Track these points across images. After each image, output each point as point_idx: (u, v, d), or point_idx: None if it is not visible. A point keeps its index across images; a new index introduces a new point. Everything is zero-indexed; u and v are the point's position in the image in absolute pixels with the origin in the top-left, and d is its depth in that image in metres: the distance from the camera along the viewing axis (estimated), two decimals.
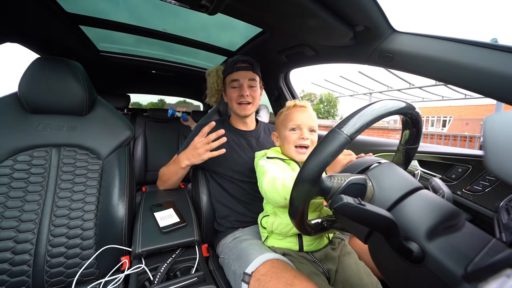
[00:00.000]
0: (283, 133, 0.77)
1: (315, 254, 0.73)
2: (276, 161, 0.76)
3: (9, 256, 0.71)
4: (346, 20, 0.72)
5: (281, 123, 0.79)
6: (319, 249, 0.75)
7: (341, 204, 0.34)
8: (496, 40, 0.62)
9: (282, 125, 0.78)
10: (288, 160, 0.76)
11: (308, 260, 0.72)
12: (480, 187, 0.69)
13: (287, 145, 0.75)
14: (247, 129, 1.03)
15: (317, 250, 0.74)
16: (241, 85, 0.93)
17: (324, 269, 0.71)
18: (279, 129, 0.80)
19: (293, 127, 0.75)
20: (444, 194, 0.45)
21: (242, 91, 0.92)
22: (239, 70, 0.94)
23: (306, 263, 0.71)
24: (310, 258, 0.72)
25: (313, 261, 0.72)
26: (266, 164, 0.74)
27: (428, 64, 0.66)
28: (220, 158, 0.88)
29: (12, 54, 4.23)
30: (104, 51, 1.46)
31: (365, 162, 0.51)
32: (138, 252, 0.72)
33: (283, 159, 0.77)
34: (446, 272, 0.34)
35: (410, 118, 0.48)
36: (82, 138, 0.87)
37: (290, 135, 0.75)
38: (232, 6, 0.67)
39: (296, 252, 0.73)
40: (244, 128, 1.03)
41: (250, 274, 0.65)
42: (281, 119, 0.79)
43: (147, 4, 0.97)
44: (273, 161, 0.75)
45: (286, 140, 0.75)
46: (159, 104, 9.65)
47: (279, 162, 0.76)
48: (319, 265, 0.71)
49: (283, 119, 0.78)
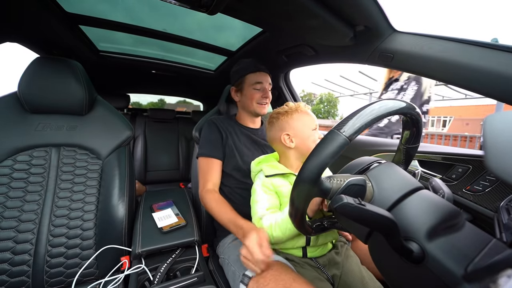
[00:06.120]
0: (303, 132, 0.75)
1: (319, 260, 0.72)
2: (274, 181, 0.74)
3: (9, 256, 0.71)
4: (346, 20, 0.72)
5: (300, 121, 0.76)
6: (323, 255, 0.74)
7: (341, 204, 0.34)
8: (496, 40, 0.62)
9: (303, 123, 0.76)
10: (288, 174, 0.75)
11: (312, 266, 0.71)
12: (480, 187, 0.69)
13: (310, 143, 0.74)
14: (254, 126, 1.06)
15: (320, 256, 0.73)
16: (264, 88, 0.99)
17: (329, 275, 0.70)
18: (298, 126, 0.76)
19: (314, 127, 0.77)
20: (444, 194, 0.45)
21: (265, 93, 0.99)
22: (262, 72, 0.99)
23: (309, 268, 0.70)
24: (313, 264, 0.71)
25: (316, 267, 0.71)
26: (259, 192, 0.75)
27: (428, 64, 0.66)
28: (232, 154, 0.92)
29: (12, 54, 4.24)
30: (104, 51, 1.46)
31: (365, 162, 0.51)
32: (138, 252, 0.72)
33: (283, 174, 0.74)
34: (446, 272, 0.34)
35: (410, 118, 0.48)
36: (82, 138, 0.87)
37: (313, 135, 0.75)
38: (232, 6, 0.67)
39: (299, 258, 0.72)
40: (252, 126, 1.05)
41: (249, 276, 0.64)
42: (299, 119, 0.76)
43: (147, 4, 0.97)
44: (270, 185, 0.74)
45: (309, 139, 0.75)
46: (159, 104, 9.64)
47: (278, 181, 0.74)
48: (323, 271, 0.70)
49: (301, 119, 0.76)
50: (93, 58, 1.46)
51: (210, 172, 0.93)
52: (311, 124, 0.76)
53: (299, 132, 0.75)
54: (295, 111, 0.77)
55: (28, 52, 1.16)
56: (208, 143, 0.96)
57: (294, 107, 0.78)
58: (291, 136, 0.75)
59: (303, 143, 0.75)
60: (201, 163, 0.96)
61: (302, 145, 0.75)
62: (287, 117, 0.77)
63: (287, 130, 0.76)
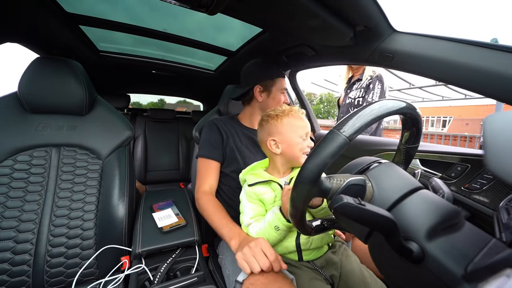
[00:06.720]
0: (291, 139, 0.73)
1: (316, 261, 0.72)
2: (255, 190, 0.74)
3: (9, 256, 0.71)
4: (346, 20, 0.72)
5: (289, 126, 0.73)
6: (319, 257, 0.74)
7: (341, 204, 0.34)
8: (496, 40, 0.62)
9: (291, 130, 0.73)
10: (269, 182, 0.74)
11: (309, 267, 0.71)
12: (478, 185, 0.70)
13: (296, 152, 0.73)
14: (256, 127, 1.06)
15: (317, 258, 0.73)
16: (284, 93, 1.03)
17: (327, 275, 0.69)
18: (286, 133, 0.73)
19: (304, 136, 0.74)
20: (444, 194, 0.45)
21: (285, 98, 1.03)
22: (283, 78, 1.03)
23: (306, 270, 0.70)
24: (311, 267, 0.71)
25: (314, 268, 0.71)
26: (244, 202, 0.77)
27: (428, 64, 0.66)
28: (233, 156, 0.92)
29: (12, 54, 4.24)
30: (104, 51, 1.46)
31: (365, 162, 0.51)
32: (138, 252, 0.72)
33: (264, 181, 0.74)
34: (446, 272, 0.34)
35: (410, 118, 0.48)
36: (82, 138, 0.87)
37: (301, 143, 0.73)
38: (232, 6, 0.67)
39: (296, 262, 0.72)
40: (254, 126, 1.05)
41: (241, 282, 0.64)
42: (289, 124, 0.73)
43: (147, 4, 0.97)
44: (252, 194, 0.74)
45: (297, 147, 0.72)
46: (159, 104, 9.63)
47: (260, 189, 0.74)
48: (320, 272, 0.70)
49: (291, 124, 0.73)
50: (93, 58, 1.46)
51: (208, 174, 0.93)
52: (301, 131, 0.73)
53: (286, 138, 0.73)
54: (286, 116, 0.74)
55: (28, 52, 1.16)
56: (208, 144, 0.96)
57: (287, 111, 0.75)
58: (277, 142, 0.74)
59: (290, 150, 0.73)
60: (200, 164, 0.96)
61: (289, 152, 0.73)
62: (276, 121, 0.74)
63: (274, 135, 0.74)
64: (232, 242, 0.70)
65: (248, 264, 0.61)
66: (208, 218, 0.82)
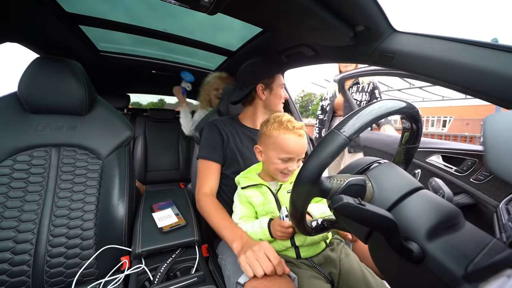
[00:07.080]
0: (272, 156, 0.71)
1: (314, 259, 0.73)
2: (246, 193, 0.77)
3: (9, 256, 0.71)
4: (346, 20, 0.72)
5: (273, 144, 0.70)
6: (317, 254, 0.74)
7: (341, 204, 0.34)
8: (496, 40, 0.62)
9: (273, 148, 0.70)
10: (259, 185, 0.75)
11: (308, 265, 0.71)
12: (482, 177, 0.84)
13: (273, 169, 0.72)
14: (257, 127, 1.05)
15: (315, 255, 0.74)
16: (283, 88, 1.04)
17: (326, 273, 0.70)
18: (268, 147, 0.71)
19: (286, 158, 0.69)
20: (444, 194, 0.45)
21: (285, 94, 1.05)
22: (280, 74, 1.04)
23: (305, 268, 0.70)
24: (309, 264, 0.71)
25: (312, 266, 0.71)
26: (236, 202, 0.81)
27: (428, 64, 0.66)
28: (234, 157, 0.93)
29: (12, 54, 4.24)
30: (104, 51, 1.46)
31: (365, 162, 0.51)
32: (138, 252, 0.72)
33: (254, 185, 0.76)
34: (446, 272, 0.34)
35: (410, 118, 0.48)
36: (82, 138, 0.87)
37: (280, 164, 0.70)
38: (232, 6, 0.67)
39: (294, 259, 0.73)
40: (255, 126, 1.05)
41: (242, 284, 0.64)
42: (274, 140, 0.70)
43: (147, 4, 0.97)
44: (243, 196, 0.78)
45: (274, 166, 0.71)
46: (159, 104, 9.61)
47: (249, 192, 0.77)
48: (319, 270, 0.70)
49: (276, 142, 0.69)
50: (93, 58, 1.46)
51: (209, 175, 0.93)
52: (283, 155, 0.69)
53: (267, 153, 0.73)
54: (277, 130, 0.70)
55: (28, 52, 1.16)
56: (208, 145, 0.95)
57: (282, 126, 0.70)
58: (261, 151, 0.75)
59: (268, 164, 0.74)
60: (200, 165, 0.96)
61: (267, 165, 0.75)
62: (267, 131, 0.72)
63: (260, 143, 0.76)
64: (234, 244, 0.69)
65: (251, 268, 0.60)
66: (209, 220, 0.82)
